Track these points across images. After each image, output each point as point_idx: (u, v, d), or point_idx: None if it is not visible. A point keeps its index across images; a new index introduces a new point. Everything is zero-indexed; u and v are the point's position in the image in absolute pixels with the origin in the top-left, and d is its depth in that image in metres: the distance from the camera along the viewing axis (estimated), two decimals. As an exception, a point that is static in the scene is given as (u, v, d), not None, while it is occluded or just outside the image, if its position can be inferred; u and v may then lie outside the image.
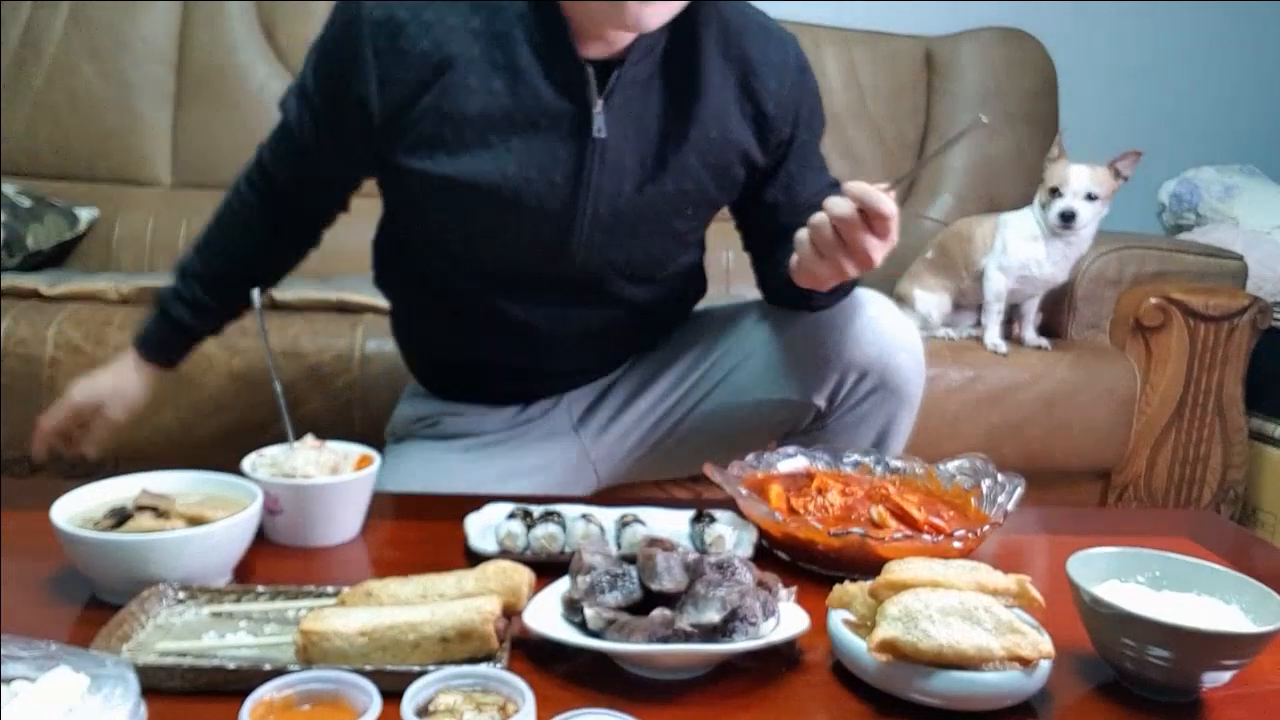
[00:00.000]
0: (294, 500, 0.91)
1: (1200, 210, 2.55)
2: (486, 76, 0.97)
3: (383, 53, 0.96)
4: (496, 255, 1.06)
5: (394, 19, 0.95)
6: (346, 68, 0.98)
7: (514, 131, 0.98)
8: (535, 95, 0.98)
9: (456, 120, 0.97)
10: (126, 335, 1.63)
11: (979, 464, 1.03)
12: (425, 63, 0.96)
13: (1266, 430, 2.12)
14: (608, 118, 0.99)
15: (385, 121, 0.99)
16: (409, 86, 0.97)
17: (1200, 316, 1.93)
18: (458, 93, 0.97)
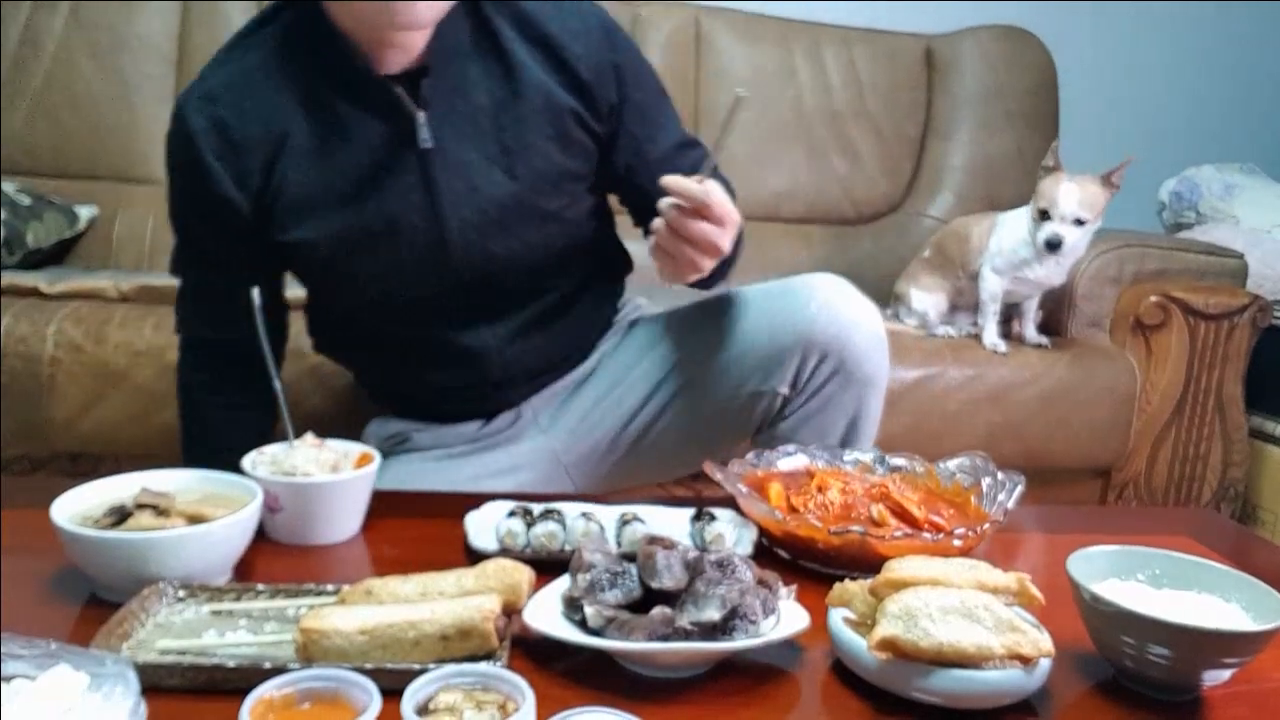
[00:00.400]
0: (294, 498, 0.91)
1: (1200, 209, 2.55)
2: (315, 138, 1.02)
3: (223, 154, 1.01)
4: (392, 287, 1.08)
5: (218, 119, 1.01)
6: (200, 180, 1.02)
7: (356, 171, 1.02)
8: (361, 131, 1.02)
9: (306, 183, 1.03)
10: (126, 333, 1.65)
11: (979, 462, 1.03)
12: (261, 146, 1.02)
13: (1266, 428, 2.12)
14: (432, 126, 1.02)
15: (253, 209, 1.04)
16: (256, 173, 1.02)
17: (1200, 315, 1.93)
18: (298, 162, 1.02)
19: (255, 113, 1.01)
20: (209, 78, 1.04)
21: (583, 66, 1.07)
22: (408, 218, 1.04)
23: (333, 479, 0.92)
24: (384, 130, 1.02)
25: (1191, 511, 1.71)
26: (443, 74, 1.02)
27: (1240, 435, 2.01)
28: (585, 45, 1.07)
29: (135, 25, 2.30)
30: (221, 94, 1.02)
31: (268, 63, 1.02)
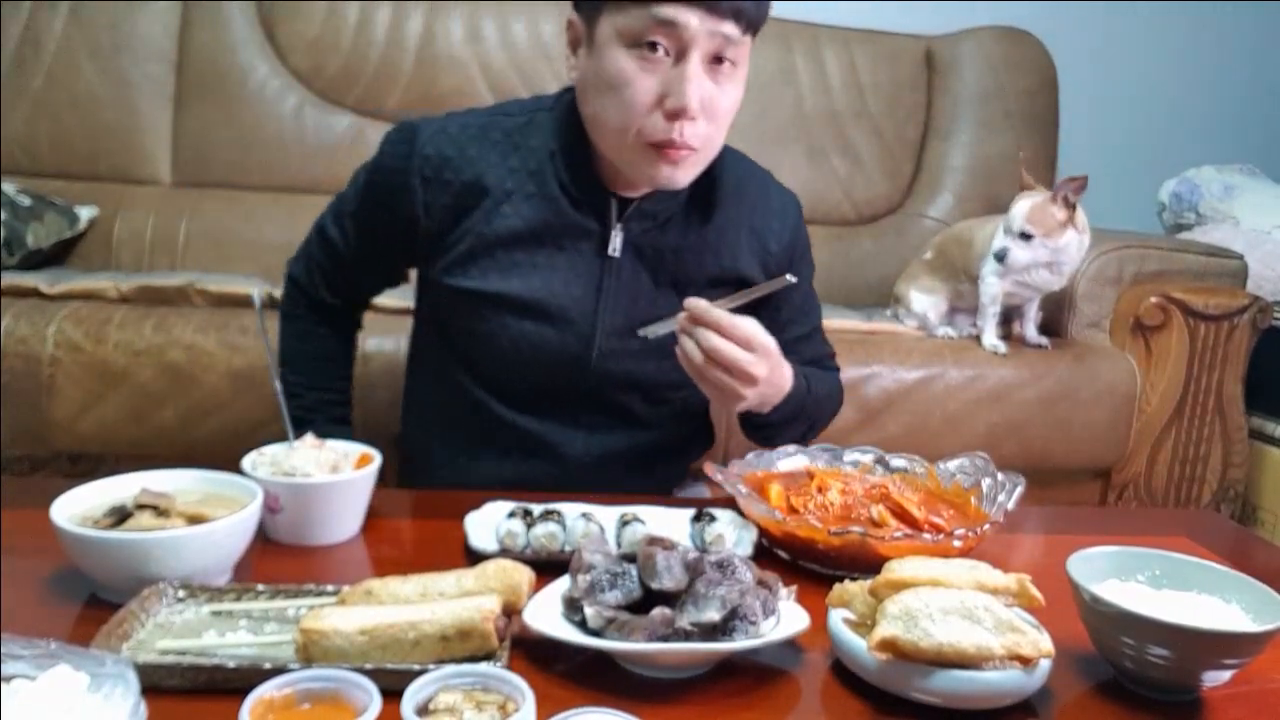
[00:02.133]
0: (294, 499, 0.91)
1: (1200, 210, 2.55)
2: (519, 205, 1.09)
3: (430, 182, 1.08)
4: (522, 365, 1.12)
5: (442, 154, 1.08)
6: (397, 192, 1.09)
7: (540, 249, 1.09)
8: (561, 217, 1.09)
9: (490, 241, 1.09)
10: (126, 333, 1.64)
11: (979, 463, 1.03)
12: (466, 192, 1.08)
13: (1266, 429, 2.12)
14: (625, 240, 1.11)
15: (427, 241, 1.11)
16: (450, 212, 1.09)
17: (1200, 316, 1.93)
18: (492, 219, 1.08)
19: (476, 163, 1.08)
20: (454, 117, 1.12)
21: (774, 241, 1.18)
22: (568, 309, 1.10)
23: (333, 479, 0.92)
24: (581, 226, 1.10)
25: (1191, 512, 1.71)
26: (651, 206, 1.10)
27: (1240, 436, 2.01)
28: (782, 223, 1.19)
29: (135, 25, 2.30)
30: (456, 134, 1.09)
31: (510, 131, 1.10)
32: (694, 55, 0.96)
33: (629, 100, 0.98)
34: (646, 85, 0.97)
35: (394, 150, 1.11)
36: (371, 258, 1.18)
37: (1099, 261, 1.99)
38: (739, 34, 0.98)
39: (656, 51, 0.96)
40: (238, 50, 2.32)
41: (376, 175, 1.13)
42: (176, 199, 2.29)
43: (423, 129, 1.09)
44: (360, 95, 2.36)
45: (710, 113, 0.99)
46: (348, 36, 2.34)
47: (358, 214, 1.15)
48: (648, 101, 0.97)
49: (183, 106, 2.33)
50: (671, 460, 1.26)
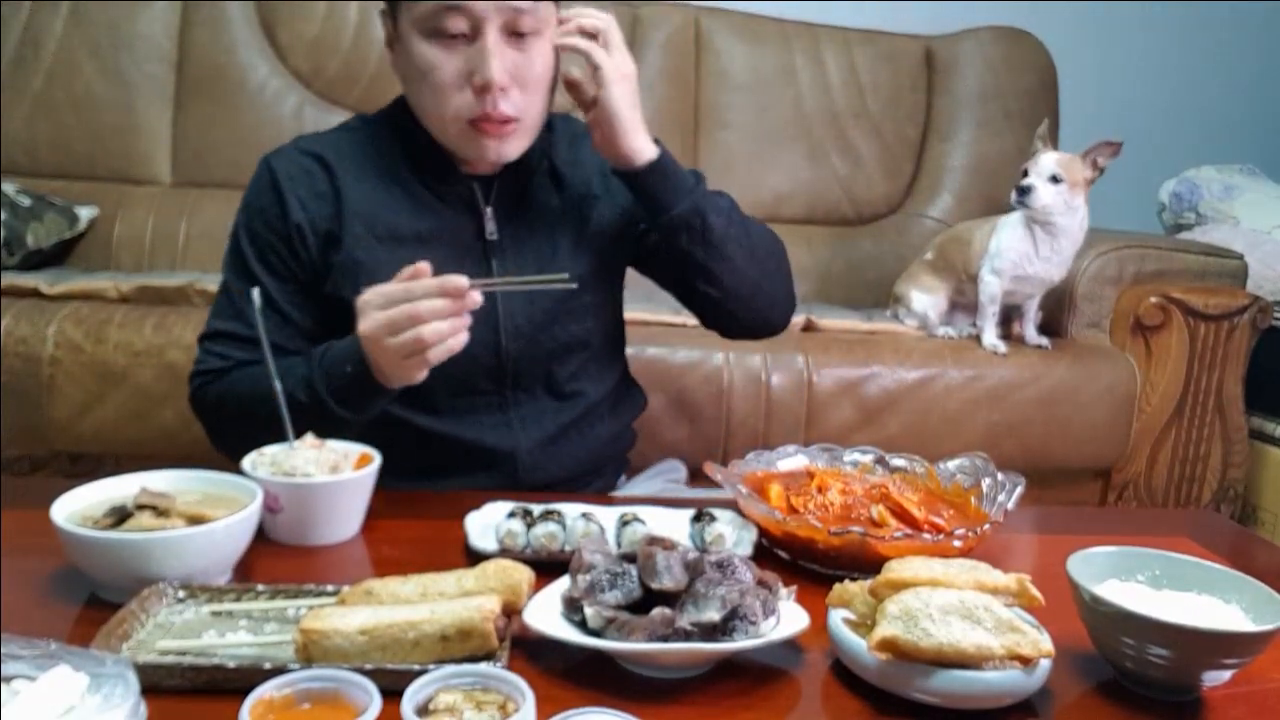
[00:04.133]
0: (294, 499, 0.91)
1: (1200, 210, 2.55)
2: (389, 208, 1.10)
3: (303, 196, 1.09)
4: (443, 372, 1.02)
5: (302, 167, 1.10)
6: (277, 212, 1.09)
7: (423, 248, 1.07)
8: (433, 213, 1.11)
9: (371, 248, 1.09)
10: (126, 333, 1.65)
11: (979, 463, 1.03)
12: (335, 199, 1.09)
13: (1266, 429, 2.12)
14: (498, 221, 1.13)
15: (318, 251, 1.09)
16: (328, 219, 1.09)
17: (1200, 316, 1.93)
18: (370, 225, 1.09)
19: (334, 170, 1.10)
20: (303, 140, 1.15)
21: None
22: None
23: (333, 480, 0.92)
24: (455, 218, 1.12)
25: (1191, 512, 1.71)
26: (511, 180, 1.13)
27: (1240, 436, 2.01)
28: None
29: (135, 25, 2.30)
30: (308, 149, 1.12)
31: (360, 141, 1.14)
32: (489, 30, 1.00)
33: (437, 84, 1.03)
34: (451, 67, 1.02)
35: (259, 186, 1.11)
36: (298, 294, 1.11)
37: (1099, 261, 1.99)
38: (529, 2, 1.01)
39: (453, 35, 1.00)
40: (238, 50, 2.32)
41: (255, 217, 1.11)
42: (176, 199, 2.29)
43: (274, 158, 1.12)
44: (360, 95, 2.36)
45: (521, 81, 1.03)
46: (348, 36, 2.34)
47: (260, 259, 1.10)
48: (455, 82, 1.02)
49: (183, 106, 2.33)
50: (605, 425, 1.23)
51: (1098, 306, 2.01)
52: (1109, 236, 2.04)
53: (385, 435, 1.04)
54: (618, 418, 1.26)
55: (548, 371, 1.16)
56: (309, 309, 1.12)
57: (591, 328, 1.18)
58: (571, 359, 1.17)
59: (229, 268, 1.14)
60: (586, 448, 1.20)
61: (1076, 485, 1.99)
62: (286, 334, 1.10)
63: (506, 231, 1.14)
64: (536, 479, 1.15)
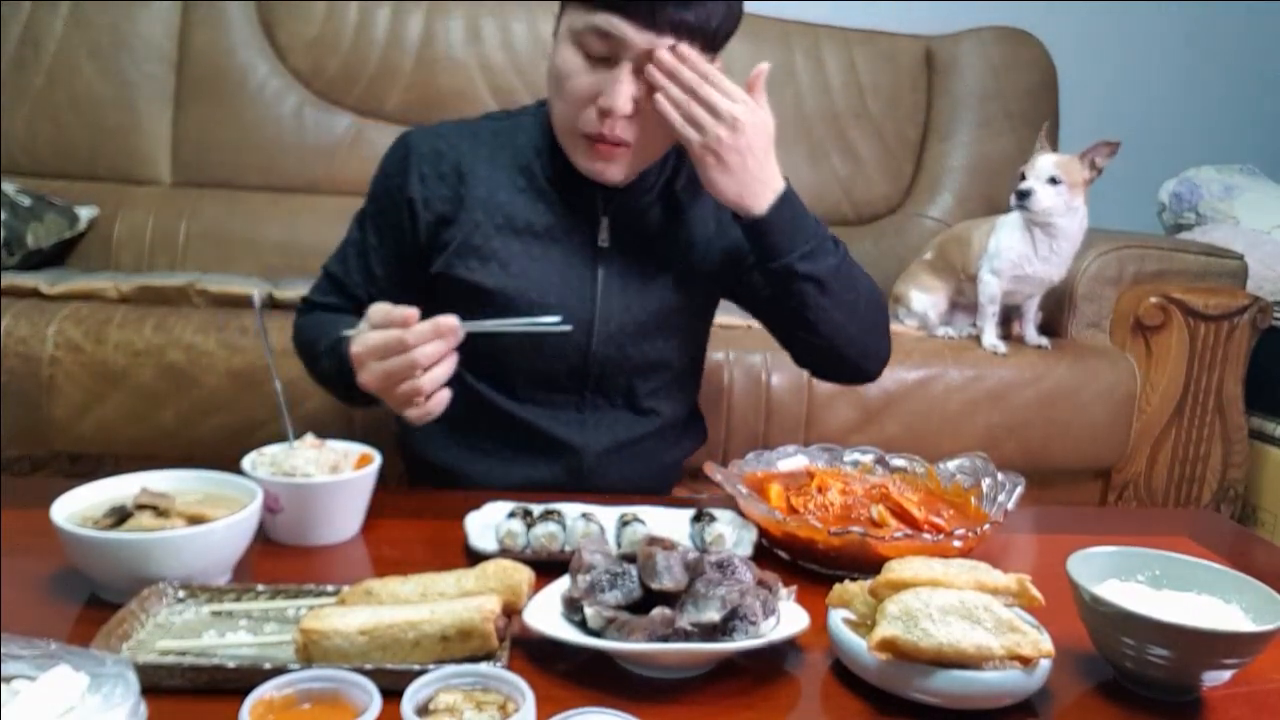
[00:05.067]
0: (294, 499, 0.91)
1: (1200, 210, 2.55)
2: (512, 198, 1.14)
3: (426, 177, 1.14)
4: (523, 357, 1.14)
5: (435, 148, 1.15)
6: (398, 183, 1.15)
7: (535, 242, 1.14)
8: (551, 210, 1.14)
9: (488, 234, 1.13)
10: (126, 333, 1.64)
11: (979, 463, 1.03)
12: (460, 184, 1.14)
13: (1266, 429, 2.12)
14: (612, 231, 1.15)
15: (428, 235, 1.14)
16: (447, 203, 1.14)
17: (1200, 316, 1.93)
18: (489, 211, 1.13)
19: (467, 157, 1.15)
20: (444, 123, 1.19)
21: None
22: (568, 300, 1.13)
23: (333, 479, 0.92)
24: (572, 220, 1.15)
25: (1191, 512, 1.71)
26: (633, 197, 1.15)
27: (1240, 436, 2.01)
28: None
29: (135, 25, 2.30)
30: (447, 133, 1.17)
31: (500, 131, 1.17)
32: (625, 61, 1.01)
33: (568, 91, 1.04)
34: (585, 81, 1.03)
35: (392, 155, 1.17)
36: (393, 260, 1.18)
37: (1099, 261, 1.99)
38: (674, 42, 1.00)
39: (594, 54, 1.02)
40: (238, 50, 2.32)
41: (380, 181, 1.18)
42: (176, 199, 2.29)
43: (414, 134, 1.17)
44: (360, 95, 2.36)
45: (645, 112, 1.04)
46: (348, 36, 2.34)
47: (375, 218, 1.19)
48: (583, 96, 1.03)
49: (183, 106, 2.33)
50: (670, 449, 1.26)
51: (1098, 306, 2.01)
52: (1109, 236, 2.04)
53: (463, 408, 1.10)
54: (680, 445, 1.28)
55: (629, 384, 1.18)
56: (396, 275, 1.18)
57: (679, 350, 1.20)
58: (654, 376, 1.19)
59: (355, 221, 1.21)
60: (652, 464, 1.22)
61: (1076, 485, 1.99)
62: (368, 290, 1.17)
63: (618, 242, 1.15)
64: (598, 483, 1.17)
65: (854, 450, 1.09)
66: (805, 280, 1.08)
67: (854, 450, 1.09)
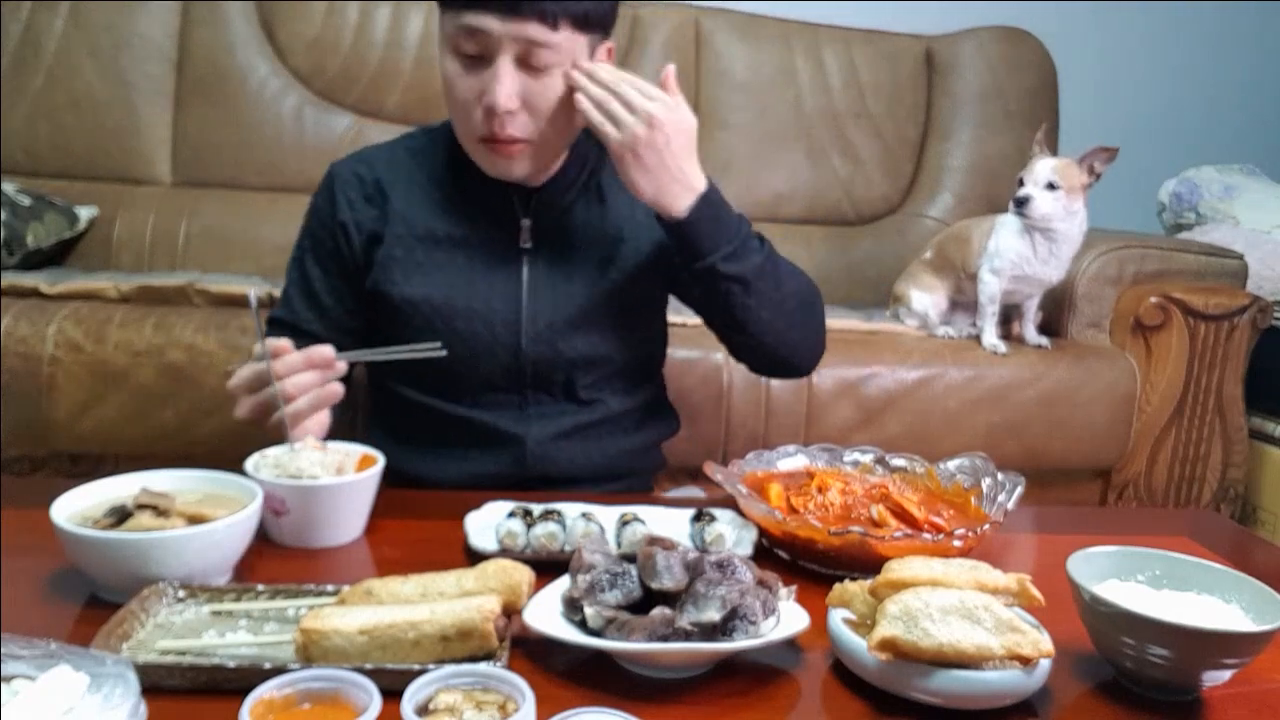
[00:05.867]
0: (301, 501, 0.90)
1: (1200, 210, 2.55)
2: (432, 211, 1.16)
3: (353, 199, 1.17)
4: (457, 364, 1.14)
5: (356, 173, 1.18)
6: (329, 211, 1.18)
7: (459, 250, 1.15)
8: (471, 218, 1.16)
9: (409, 246, 1.15)
10: (126, 333, 1.64)
11: (979, 463, 1.03)
12: (384, 202, 1.16)
13: (1266, 429, 2.12)
14: (535, 231, 1.16)
15: (362, 249, 1.16)
16: (373, 220, 1.16)
17: (1200, 316, 1.93)
18: (411, 226, 1.15)
19: (385, 175, 1.17)
20: (364, 150, 1.23)
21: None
22: (493, 302, 1.15)
23: (340, 481, 0.92)
24: (492, 225, 1.16)
25: (1191, 512, 1.71)
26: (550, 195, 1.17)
27: (1240, 436, 2.01)
28: None
29: (135, 25, 2.29)
30: (368, 158, 1.20)
31: (414, 149, 1.20)
32: (501, 57, 1.02)
33: (456, 98, 1.06)
34: (468, 84, 1.04)
35: (320, 189, 1.20)
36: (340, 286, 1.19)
37: (1099, 261, 1.99)
38: (547, 33, 1.01)
39: (468, 54, 1.03)
40: (238, 50, 2.32)
41: (312, 215, 1.21)
42: (176, 199, 2.29)
43: (336, 164, 1.21)
44: (360, 95, 2.36)
45: (532, 106, 1.05)
46: (348, 37, 2.34)
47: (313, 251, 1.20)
48: (470, 99, 1.05)
49: (183, 106, 2.33)
50: (623, 437, 1.24)
51: (1098, 306, 2.01)
52: (1109, 236, 2.04)
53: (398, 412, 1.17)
54: (642, 434, 1.27)
55: (567, 378, 1.18)
56: (345, 301, 1.19)
57: (617, 343, 1.20)
58: (592, 370, 1.19)
59: (292, 262, 1.23)
60: (602, 452, 1.21)
61: (1076, 485, 1.99)
62: (323, 323, 1.19)
63: (542, 243, 1.16)
64: (545, 470, 1.17)
65: (854, 450, 1.09)
66: (729, 280, 1.09)
67: (854, 450, 1.09)
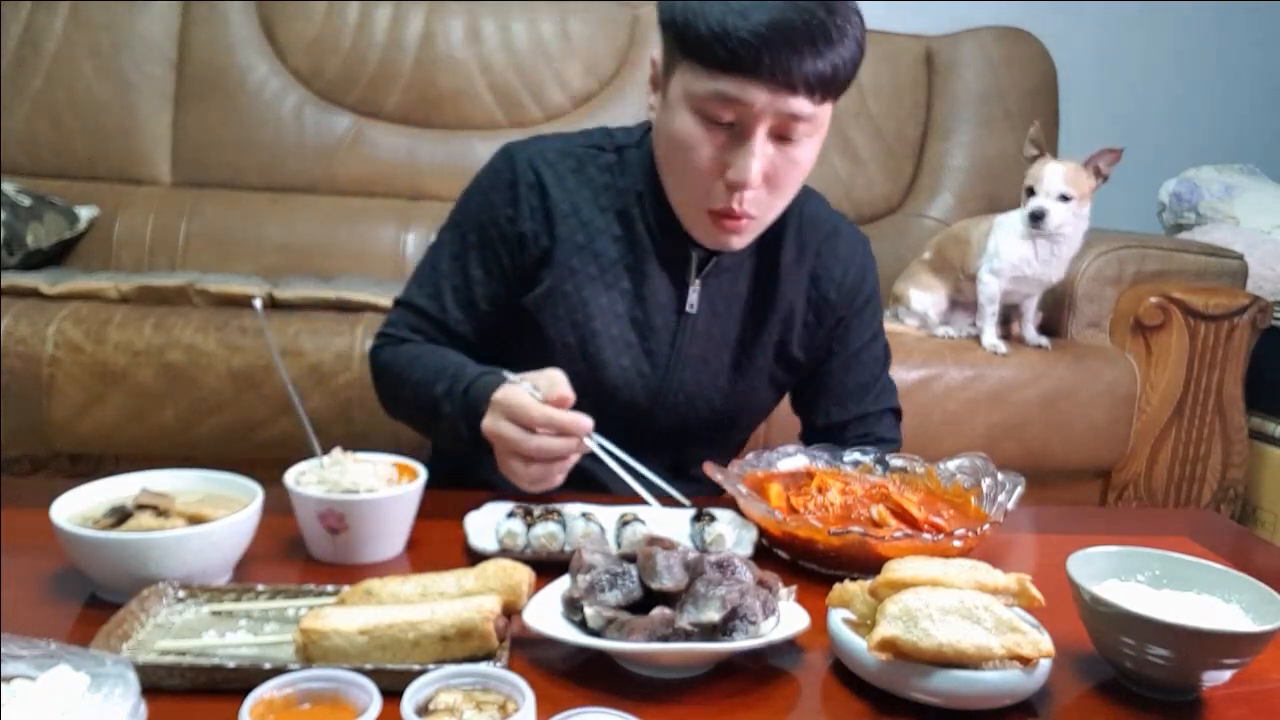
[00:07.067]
0: (360, 516, 0.86)
1: (1200, 210, 2.55)
2: (608, 245, 1.08)
3: (536, 209, 1.08)
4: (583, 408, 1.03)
5: (541, 177, 1.08)
6: (508, 215, 1.08)
7: (624, 299, 1.09)
8: (642, 268, 1.09)
9: (580, 281, 1.08)
10: (126, 333, 1.65)
11: (979, 463, 1.03)
12: (559, 218, 1.08)
13: (1266, 429, 2.12)
14: (701, 295, 1.10)
15: (532, 264, 1.09)
16: (549, 237, 1.08)
17: (1200, 316, 1.93)
18: (584, 255, 1.08)
19: (571, 194, 1.08)
20: (550, 143, 1.12)
21: (832, 288, 1.16)
22: (644, 363, 1.10)
23: (399, 492, 0.88)
24: (664, 281, 1.10)
25: (1191, 512, 1.71)
26: (728, 261, 1.10)
27: (1240, 436, 2.01)
28: (845, 269, 1.17)
29: (135, 25, 2.30)
30: (555, 161, 1.09)
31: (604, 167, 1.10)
32: (759, 130, 0.94)
33: (691, 165, 0.97)
34: (709, 153, 0.96)
35: (497, 181, 1.10)
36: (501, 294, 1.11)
37: (1099, 261, 1.99)
38: (811, 108, 0.95)
39: (720, 122, 0.95)
40: (238, 50, 2.32)
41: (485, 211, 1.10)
42: (176, 199, 2.29)
43: (519, 157, 1.09)
44: (360, 95, 2.36)
45: (773, 182, 0.99)
46: (348, 37, 2.34)
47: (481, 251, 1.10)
48: (709, 169, 0.97)
49: (183, 106, 2.33)
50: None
51: (1098, 306, 2.01)
52: (1109, 236, 2.04)
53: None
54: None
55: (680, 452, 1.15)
56: (500, 309, 1.12)
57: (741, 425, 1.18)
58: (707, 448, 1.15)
59: (447, 250, 1.12)
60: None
61: (1076, 485, 1.99)
62: (471, 326, 1.11)
63: (703, 309, 1.11)
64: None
65: (854, 450, 1.09)
66: None
67: (854, 450, 1.09)
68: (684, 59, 0.94)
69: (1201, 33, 2.95)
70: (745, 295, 1.13)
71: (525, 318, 1.10)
